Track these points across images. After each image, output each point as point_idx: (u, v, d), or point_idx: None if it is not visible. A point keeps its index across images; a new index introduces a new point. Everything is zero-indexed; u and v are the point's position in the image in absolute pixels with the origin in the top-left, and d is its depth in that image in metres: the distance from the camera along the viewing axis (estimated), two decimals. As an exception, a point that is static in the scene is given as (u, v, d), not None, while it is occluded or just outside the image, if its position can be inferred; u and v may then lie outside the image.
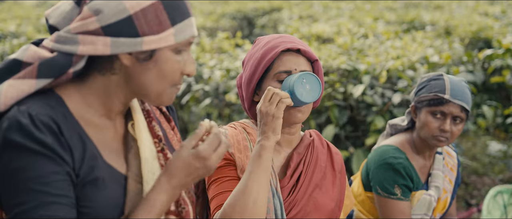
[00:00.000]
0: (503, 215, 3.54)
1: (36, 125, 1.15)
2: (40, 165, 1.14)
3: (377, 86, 4.19)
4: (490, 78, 5.44)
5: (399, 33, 7.01)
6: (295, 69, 1.72)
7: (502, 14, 11.17)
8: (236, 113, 4.97)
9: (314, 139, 1.88)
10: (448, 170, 2.49)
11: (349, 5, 13.14)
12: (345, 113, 4.19)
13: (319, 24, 7.59)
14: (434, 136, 2.31)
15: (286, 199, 1.76)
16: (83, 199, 1.20)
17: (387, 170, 2.32)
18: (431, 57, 4.80)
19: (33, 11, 13.52)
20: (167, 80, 1.25)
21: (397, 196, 2.31)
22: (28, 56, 1.22)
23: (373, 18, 9.21)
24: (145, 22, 1.20)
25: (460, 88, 2.28)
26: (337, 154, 1.90)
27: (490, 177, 5.31)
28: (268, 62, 1.72)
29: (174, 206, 1.30)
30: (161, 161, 1.32)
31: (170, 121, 1.43)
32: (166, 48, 1.23)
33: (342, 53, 4.97)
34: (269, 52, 1.73)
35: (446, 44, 5.87)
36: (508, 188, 3.57)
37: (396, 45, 5.23)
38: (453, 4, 13.48)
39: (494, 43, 6.77)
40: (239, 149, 1.74)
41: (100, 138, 1.27)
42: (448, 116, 2.28)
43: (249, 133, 1.80)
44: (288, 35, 1.82)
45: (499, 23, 8.60)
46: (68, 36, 1.21)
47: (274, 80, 1.73)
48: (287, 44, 1.73)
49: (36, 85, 1.20)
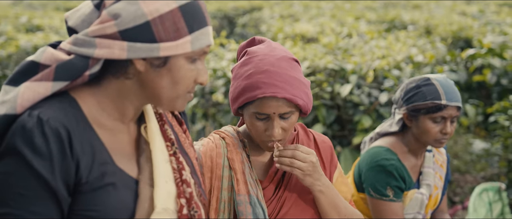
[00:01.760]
0: (488, 212, 3.61)
1: (43, 131, 1.15)
2: (26, 176, 1.15)
3: (364, 85, 4.23)
4: (472, 77, 5.53)
5: (382, 32, 7.07)
6: (274, 113, 1.66)
7: (480, 13, 11.34)
8: (222, 113, 4.98)
9: (299, 132, 1.87)
10: (438, 166, 2.52)
11: (329, 5, 13.21)
12: (332, 112, 4.22)
13: (301, 24, 7.62)
14: (437, 140, 2.33)
15: (271, 198, 1.76)
16: (93, 203, 1.20)
17: (380, 171, 2.34)
18: (415, 56, 4.86)
19: (10, 10, 13.34)
20: (179, 88, 1.26)
21: (389, 197, 2.33)
22: (46, 58, 1.22)
23: (355, 18, 9.28)
24: (162, 29, 1.20)
25: (452, 89, 2.31)
26: (324, 142, 1.89)
27: (472, 175, 5.39)
28: (247, 100, 1.67)
29: (186, 210, 1.30)
30: (173, 165, 1.32)
31: (182, 124, 1.43)
32: (180, 56, 1.23)
33: (327, 53, 5.01)
34: (247, 91, 1.66)
35: (429, 44, 5.94)
36: (493, 186, 3.64)
37: (381, 45, 5.28)
38: (431, 4, 13.64)
39: (474, 42, 6.88)
40: (210, 167, 1.73)
41: (113, 141, 1.26)
42: (448, 118, 2.30)
43: (228, 144, 1.77)
44: (275, 65, 1.66)
45: (477, 23, 8.73)
46: (85, 39, 1.20)
47: (253, 116, 1.69)
48: (267, 90, 1.63)
49: (53, 87, 1.20)
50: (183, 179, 1.32)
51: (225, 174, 1.73)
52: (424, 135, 2.33)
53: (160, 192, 1.27)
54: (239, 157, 1.75)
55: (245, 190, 1.70)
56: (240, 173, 1.72)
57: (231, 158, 1.74)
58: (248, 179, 1.72)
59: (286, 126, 1.70)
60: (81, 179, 1.19)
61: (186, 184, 1.32)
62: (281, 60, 1.69)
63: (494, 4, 13.76)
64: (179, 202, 1.29)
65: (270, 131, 1.68)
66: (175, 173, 1.32)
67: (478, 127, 5.95)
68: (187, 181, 1.32)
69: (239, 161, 1.74)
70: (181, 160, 1.34)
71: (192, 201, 1.31)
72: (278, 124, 1.68)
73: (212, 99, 4.77)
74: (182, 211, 1.29)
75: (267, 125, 1.69)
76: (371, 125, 4.07)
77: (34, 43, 7.23)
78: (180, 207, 1.29)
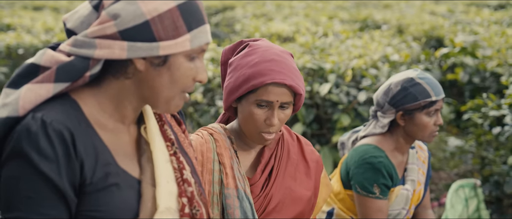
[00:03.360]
0: (464, 208, 3.69)
1: (47, 134, 1.15)
2: (34, 179, 1.15)
3: (343, 85, 4.28)
4: (445, 75, 5.64)
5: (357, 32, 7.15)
6: (277, 101, 1.71)
7: (449, 12, 11.54)
8: (200, 112, 4.98)
9: (284, 133, 1.90)
10: (421, 163, 2.57)
11: (301, 4, 13.28)
12: (311, 111, 4.26)
13: (276, 23, 7.66)
14: (432, 133, 2.40)
15: (259, 194, 1.79)
16: (97, 203, 1.20)
17: (368, 169, 2.37)
18: (391, 56, 4.94)
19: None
20: (178, 86, 1.26)
21: (375, 195, 2.37)
22: (46, 60, 1.22)
23: (328, 17, 9.36)
24: (162, 28, 1.20)
25: (436, 84, 2.38)
26: (307, 145, 1.93)
27: (446, 172, 5.49)
28: (251, 88, 1.71)
29: (188, 209, 1.32)
30: (174, 164, 1.33)
31: (181, 124, 1.44)
32: (180, 54, 1.24)
33: (304, 52, 5.05)
34: (255, 77, 1.70)
35: (404, 43, 6.03)
36: (469, 182, 3.72)
37: (357, 44, 5.34)
38: (402, 3, 13.82)
39: (446, 42, 7.01)
40: (201, 162, 1.75)
41: (115, 142, 1.26)
42: (439, 110, 2.39)
43: (216, 140, 1.79)
44: (280, 56, 1.75)
45: (448, 22, 8.89)
46: (85, 40, 1.20)
47: (254, 104, 1.72)
48: (276, 77, 1.69)
49: (54, 89, 1.20)
50: (184, 179, 1.33)
51: (216, 168, 1.75)
52: (420, 130, 2.38)
53: (162, 191, 1.27)
54: (228, 152, 1.78)
55: (233, 184, 1.74)
56: (229, 167, 1.76)
57: (220, 153, 1.77)
58: (237, 174, 1.76)
59: (283, 117, 1.75)
60: (85, 180, 1.19)
61: (187, 183, 1.32)
62: (284, 52, 1.77)
63: (462, 4, 14.02)
64: (180, 202, 1.30)
65: (270, 120, 1.72)
66: (176, 173, 1.32)
67: (450, 124, 6.07)
68: (188, 180, 1.33)
69: (227, 156, 1.77)
70: (182, 159, 1.35)
71: (194, 200, 1.33)
72: (277, 113, 1.72)
73: (190, 99, 4.77)
74: (184, 210, 1.30)
75: (268, 114, 1.73)
76: (349, 123, 4.13)
77: (7, 43, 7.11)
78: (182, 206, 1.30)
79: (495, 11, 12.44)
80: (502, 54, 5.37)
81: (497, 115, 3.92)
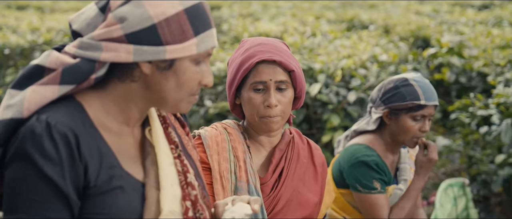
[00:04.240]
0: (453, 207, 3.73)
1: (52, 136, 1.15)
2: (37, 181, 1.15)
3: (332, 85, 4.30)
4: (432, 75, 5.68)
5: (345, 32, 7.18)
6: (270, 80, 1.75)
7: (434, 12, 11.62)
8: (188, 113, 4.97)
9: (294, 135, 1.93)
10: (412, 162, 2.59)
11: (288, 4, 13.31)
12: (301, 111, 4.27)
13: (264, 23, 7.67)
14: (414, 138, 2.38)
15: (269, 194, 1.80)
16: (101, 206, 1.20)
17: (362, 167, 2.38)
18: (379, 56, 4.97)
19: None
20: (184, 90, 1.26)
21: (377, 190, 2.36)
22: (51, 62, 1.21)
23: (315, 17, 9.38)
24: (168, 31, 1.20)
25: (430, 89, 2.36)
26: (317, 149, 1.96)
27: (433, 171, 5.53)
28: (244, 72, 1.76)
29: (192, 212, 1.32)
30: (178, 167, 1.32)
31: (185, 127, 1.44)
32: (186, 58, 1.24)
33: (293, 52, 5.06)
34: (246, 61, 1.76)
35: (392, 43, 6.07)
36: (458, 181, 3.76)
37: (346, 44, 5.37)
38: (387, 3, 13.90)
39: (432, 42, 7.07)
40: (217, 150, 1.78)
41: (119, 144, 1.26)
42: (427, 117, 2.37)
43: (230, 133, 1.83)
44: (269, 40, 1.83)
45: (434, 22, 8.95)
46: (91, 42, 1.20)
47: (251, 90, 1.77)
48: (263, 55, 1.75)
49: (59, 91, 1.19)
50: (188, 182, 1.33)
51: (231, 158, 1.79)
52: (402, 133, 2.38)
53: (166, 194, 1.27)
54: (241, 146, 1.82)
55: (245, 178, 1.77)
56: (242, 160, 1.79)
57: (234, 146, 1.81)
58: (249, 168, 1.78)
59: (283, 99, 1.77)
60: (89, 183, 1.19)
61: (191, 187, 1.32)
62: (275, 39, 1.85)
63: (447, 4, 14.13)
64: (184, 205, 1.30)
65: (268, 101, 1.75)
66: (180, 176, 1.32)
67: (436, 123, 6.12)
68: (191, 184, 1.33)
69: (241, 150, 1.80)
70: (186, 162, 1.35)
71: (197, 203, 1.33)
72: (274, 93, 1.76)
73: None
74: (188, 214, 1.30)
75: (265, 96, 1.76)
76: (339, 123, 4.15)
77: (-8, 43, 7.03)
78: (185, 210, 1.30)
79: (479, 11, 12.57)
80: (488, 54, 5.43)
81: (485, 114, 3.96)
